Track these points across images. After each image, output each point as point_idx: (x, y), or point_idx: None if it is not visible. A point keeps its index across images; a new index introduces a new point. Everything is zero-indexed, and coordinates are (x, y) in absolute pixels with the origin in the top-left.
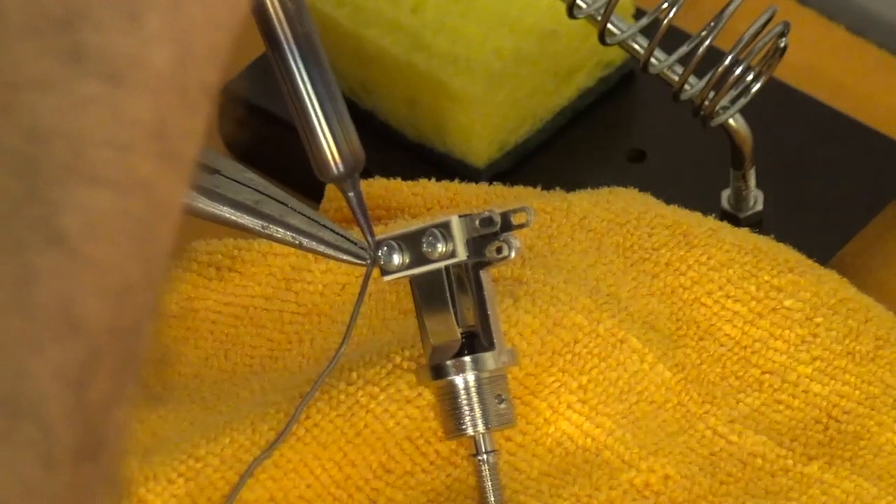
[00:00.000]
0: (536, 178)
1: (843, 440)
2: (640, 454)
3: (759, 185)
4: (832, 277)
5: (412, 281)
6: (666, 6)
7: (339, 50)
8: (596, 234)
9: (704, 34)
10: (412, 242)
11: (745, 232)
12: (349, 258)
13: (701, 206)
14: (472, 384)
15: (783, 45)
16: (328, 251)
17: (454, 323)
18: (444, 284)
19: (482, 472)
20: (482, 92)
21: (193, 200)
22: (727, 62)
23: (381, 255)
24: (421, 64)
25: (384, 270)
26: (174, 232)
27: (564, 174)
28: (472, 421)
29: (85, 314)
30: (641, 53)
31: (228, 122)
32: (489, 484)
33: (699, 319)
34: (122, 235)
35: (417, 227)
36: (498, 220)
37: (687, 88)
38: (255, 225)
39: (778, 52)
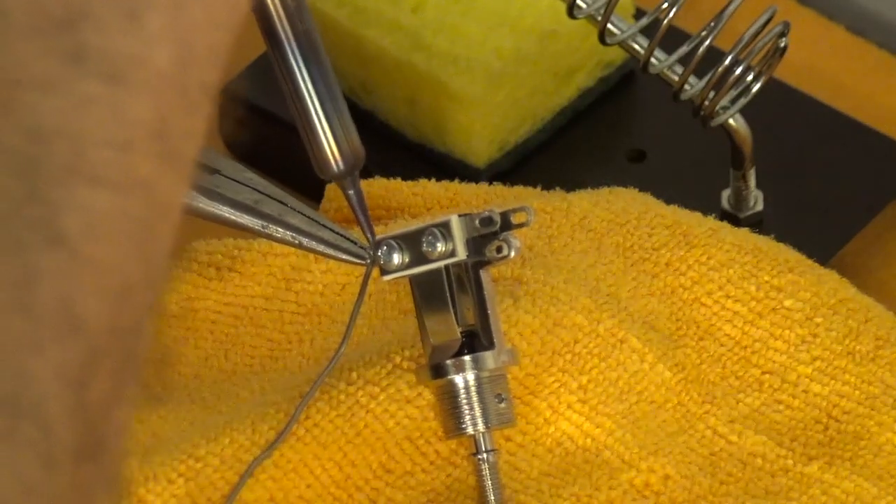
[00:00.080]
0: (536, 178)
1: (843, 440)
2: (640, 454)
3: (759, 185)
4: (832, 277)
5: (412, 280)
6: (666, 6)
7: (339, 50)
8: (596, 234)
9: (704, 34)
10: (412, 242)
11: (745, 232)
12: (349, 258)
13: (701, 206)
14: (471, 383)
15: (783, 45)
16: (328, 251)
17: (454, 322)
18: (443, 284)
19: (482, 471)
20: (482, 92)
21: (193, 200)
22: (727, 62)
23: (380, 254)
24: (421, 64)
25: (384, 270)
26: (174, 232)
27: (564, 174)
28: (471, 420)
29: (85, 314)
30: (641, 53)
31: (228, 122)
32: (489, 483)
33: (699, 319)
34: (122, 235)
35: (417, 226)
36: (498, 219)
37: (687, 88)
38: (254, 224)
39: (778, 52)
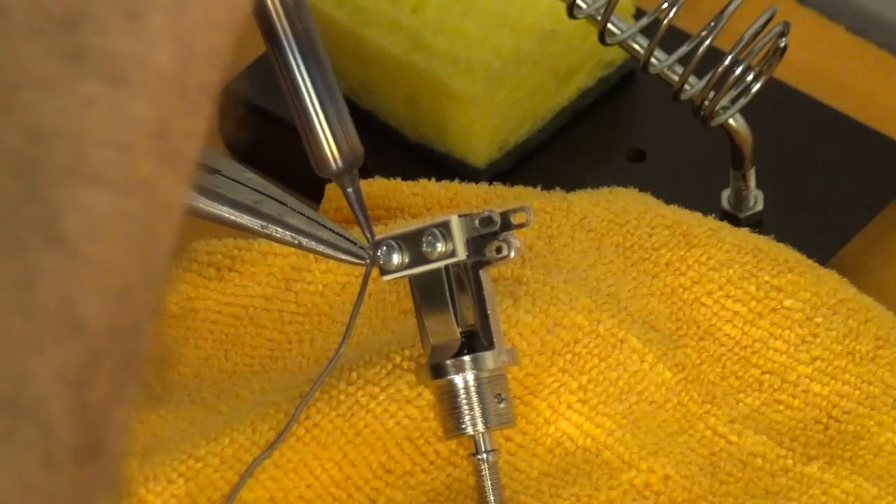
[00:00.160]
0: (536, 178)
1: (843, 440)
2: (640, 454)
3: (759, 185)
4: (832, 277)
5: (412, 280)
6: (666, 6)
7: (339, 49)
8: (596, 234)
9: (704, 34)
10: (412, 242)
11: (745, 232)
12: (348, 258)
13: (701, 206)
14: (471, 383)
15: (783, 45)
16: (327, 251)
17: (454, 322)
18: (443, 284)
19: (482, 471)
20: (482, 92)
21: (193, 200)
22: (727, 62)
23: (380, 254)
24: (421, 64)
25: (384, 270)
26: (175, 232)
27: (564, 174)
28: (471, 420)
29: (85, 314)
30: (641, 53)
31: (229, 122)
32: (489, 483)
33: (699, 319)
34: (122, 236)
35: (417, 226)
36: (498, 219)
37: (687, 88)
38: (254, 225)
39: (778, 52)
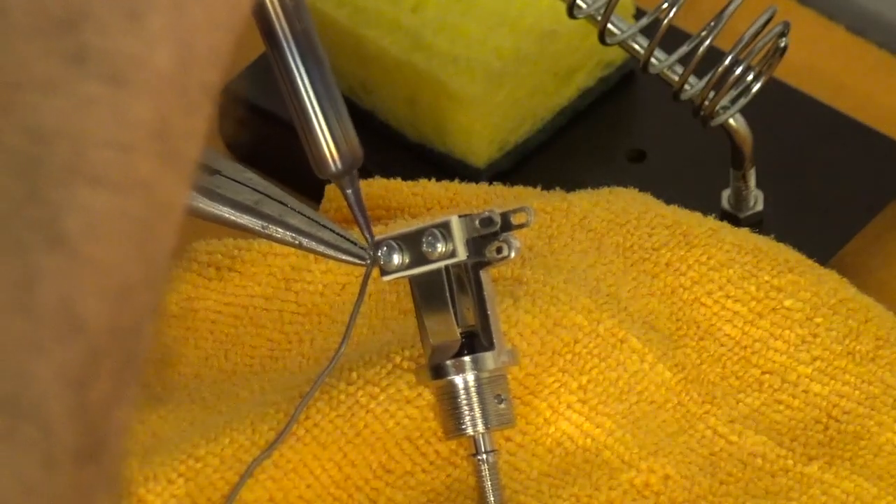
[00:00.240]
0: (536, 178)
1: (843, 440)
2: (640, 454)
3: (759, 185)
4: (832, 277)
5: (412, 281)
6: (666, 6)
7: (338, 49)
8: (596, 234)
9: (704, 34)
10: (412, 242)
11: (745, 232)
12: (349, 258)
13: (701, 206)
14: (471, 384)
15: (783, 45)
16: (328, 251)
17: (454, 323)
18: (443, 284)
19: (482, 472)
20: (482, 92)
21: (194, 201)
22: (727, 62)
23: (380, 254)
24: (421, 64)
25: (384, 270)
26: (175, 232)
27: (564, 174)
28: (471, 421)
29: (86, 314)
30: (641, 53)
31: (229, 122)
32: (489, 484)
33: (699, 319)
34: (122, 236)
35: (417, 227)
36: (498, 220)
37: (687, 88)
38: (254, 225)
39: (778, 52)
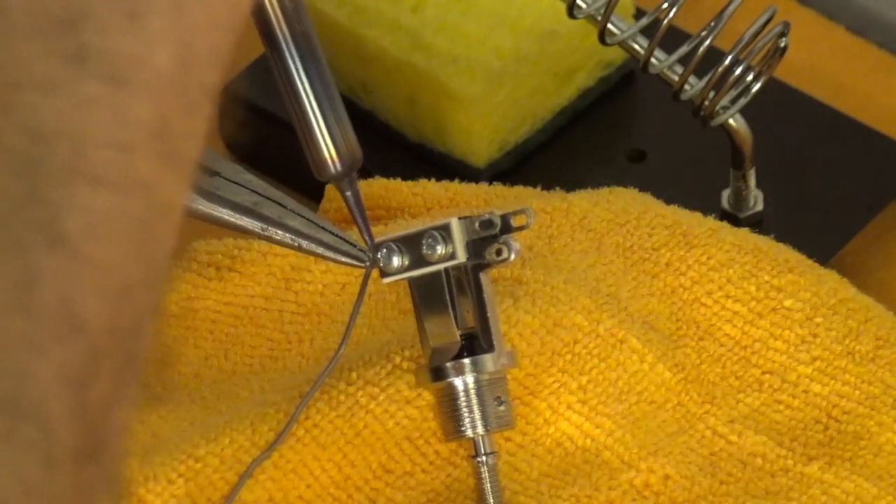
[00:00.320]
0: (536, 178)
1: (843, 440)
2: (639, 454)
3: (759, 185)
4: (832, 277)
5: (411, 283)
6: (666, 6)
7: (338, 50)
8: (596, 234)
9: (704, 34)
10: (412, 244)
11: (745, 232)
12: (348, 260)
13: (701, 206)
14: (471, 386)
15: (783, 45)
16: (327, 253)
17: (453, 325)
18: (443, 286)
19: (481, 473)
20: (482, 92)
21: (193, 202)
22: (727, 62)
23: (380, 256)
24: (421, 64)
25: (383, 272)
26: (175, 232)
27: (564, 174)
28: (471, 423)
29: (85, 314)
30: (641, 53)
31: (229, 122)
32: (488, 486)
33: (699, 319)
34: (122, 236)
35: (417, 228)
36: (498, 222)
37: (687, 88)
38: (254, 227)
39: (778, 52)
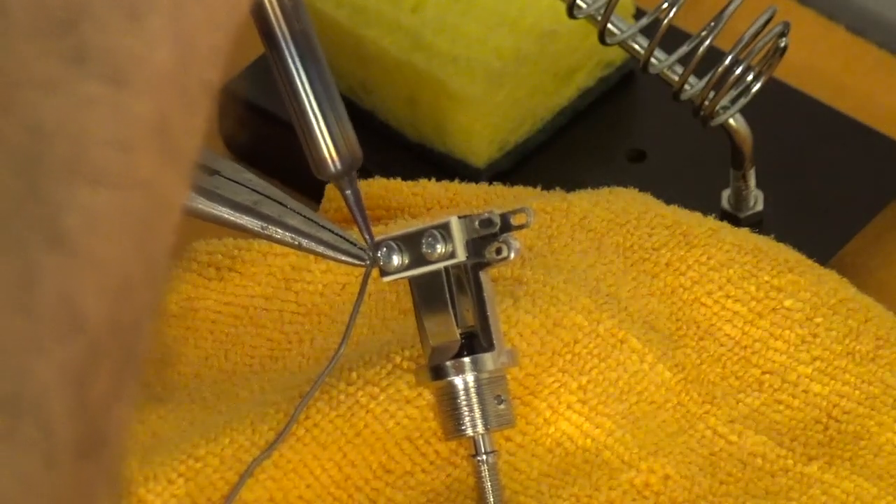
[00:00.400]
0: (536, 178)
1: (843, 440)
2: (639, 454)
3: (759, 185)
4: (832, 277)
5: (411, 282)
6: (666, 6)
7: (338, 50)
8: (596, 234)
9: (704, 34)
10: (412, 243)
11: (745, 232)
12: (348, 259)
13: (701, 206)
14: (471, 385)
15: (783, 45)
16: (327, 252)
17: (453, 324)
18: (443, 285)
19: (481, 472)
20: (482, 92)
21: (193, 201)
22: (727, 62)
23: (380, 255)
24: (421, 64)
25: (383, 271)
26: (175, 230)
27: (564, 174)
28: (471, 422)
29: (86, 313)
30: (641, 53)
31: (229, 122)
32: (488, 485)
33: (699, 319)
34: (122, 234)
35: (417, 227)
36: (497, 221)
37: (687, 88)
38: (254, 226)
39: (778, 52)
